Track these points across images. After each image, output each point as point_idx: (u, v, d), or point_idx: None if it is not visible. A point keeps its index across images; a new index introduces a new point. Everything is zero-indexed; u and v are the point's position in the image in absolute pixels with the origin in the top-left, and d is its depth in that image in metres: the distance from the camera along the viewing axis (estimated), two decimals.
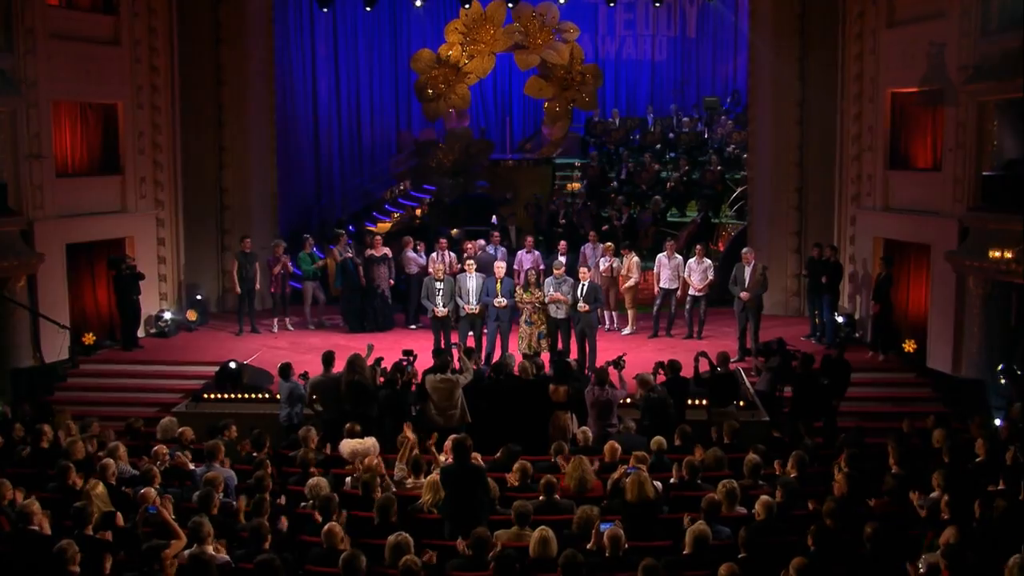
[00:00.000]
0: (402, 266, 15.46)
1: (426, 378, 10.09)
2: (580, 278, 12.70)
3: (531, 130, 23.62)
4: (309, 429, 8.89)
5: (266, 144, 16.91)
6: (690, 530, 6.47)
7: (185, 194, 15.96)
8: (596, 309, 12.83)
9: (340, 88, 21.56)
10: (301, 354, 13.54)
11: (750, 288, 13.37)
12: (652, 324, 14.87)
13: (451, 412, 9.91)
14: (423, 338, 14.11)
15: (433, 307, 12.85)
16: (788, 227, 15.95)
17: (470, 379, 10.06)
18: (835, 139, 15.33)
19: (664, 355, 12.12)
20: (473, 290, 12.76)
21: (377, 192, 21.97)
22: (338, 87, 21.52)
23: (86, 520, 6.63)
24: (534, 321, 12.57)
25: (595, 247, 15.32)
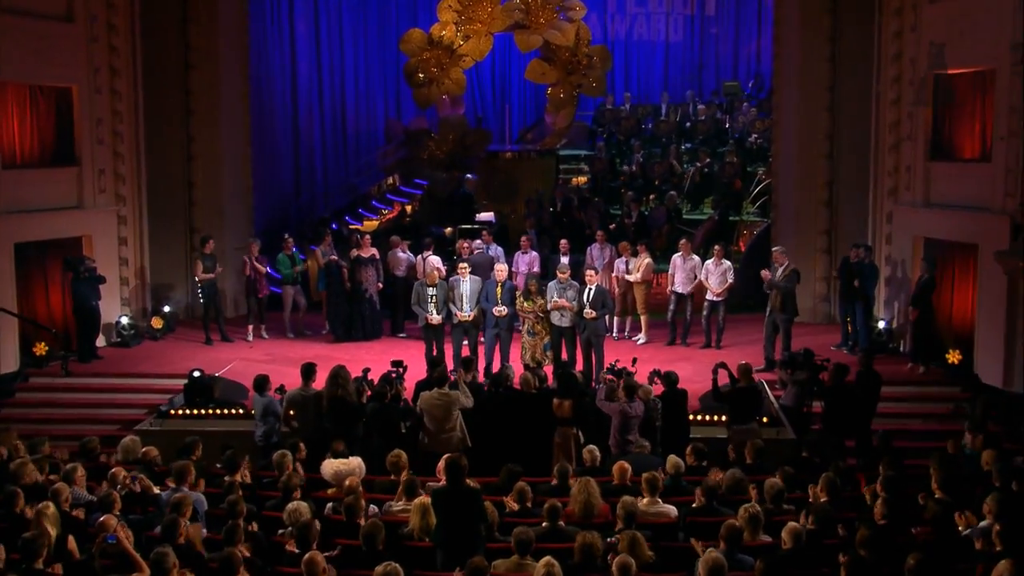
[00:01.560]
0: (388, 268, 15.49)
1: (420, 394, 10.05)
2: (586, 281, 12.68)
3: (533, 119, 23.65)
4: (285, 454, 8.83)
5: (240, 134, 16.89)
6: (703, 560, 6.42)
7: (150, 189, 15.93)
8: (604, 316, 12.79)
9: (322, 72, 21.57)
10: (279, 365, 13.53)
11: (778, 282, 13.28)
12: (668, 331, 14.90)
13: (448, 434, 9.87)
14: (413, 347, 14.15)
15: (425, 314, 12.81)
16: (816, 225, 15.94)
17: (470, 405, 10.01)
18: (870, 127, 15.30)
19: (680, 366, 12.10)
20: (467, 295, 12.75)
21: (363, 187, 21.98)
22: (320, 71, 21.53)
23: (36, 553, 6.56)
24: (537, 332, 12.61)
25: (603, 248, 15.35)
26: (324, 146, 21.84)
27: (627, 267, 14.85)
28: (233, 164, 16.75)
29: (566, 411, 10.14)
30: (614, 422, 9.93)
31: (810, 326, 15.63)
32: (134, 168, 15.68)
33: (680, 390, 10.55)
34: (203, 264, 14.92)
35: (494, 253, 15.14)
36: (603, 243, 15.40)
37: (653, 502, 7.99)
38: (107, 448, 10.07)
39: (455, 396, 9.91)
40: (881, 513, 7.45)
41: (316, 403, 10.22)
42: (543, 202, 18.86)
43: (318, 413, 10.18)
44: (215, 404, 12.05)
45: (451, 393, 9.90)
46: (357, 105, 22.45)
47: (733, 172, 18.92)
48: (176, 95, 15.99)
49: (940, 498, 7.94)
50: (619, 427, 9.90)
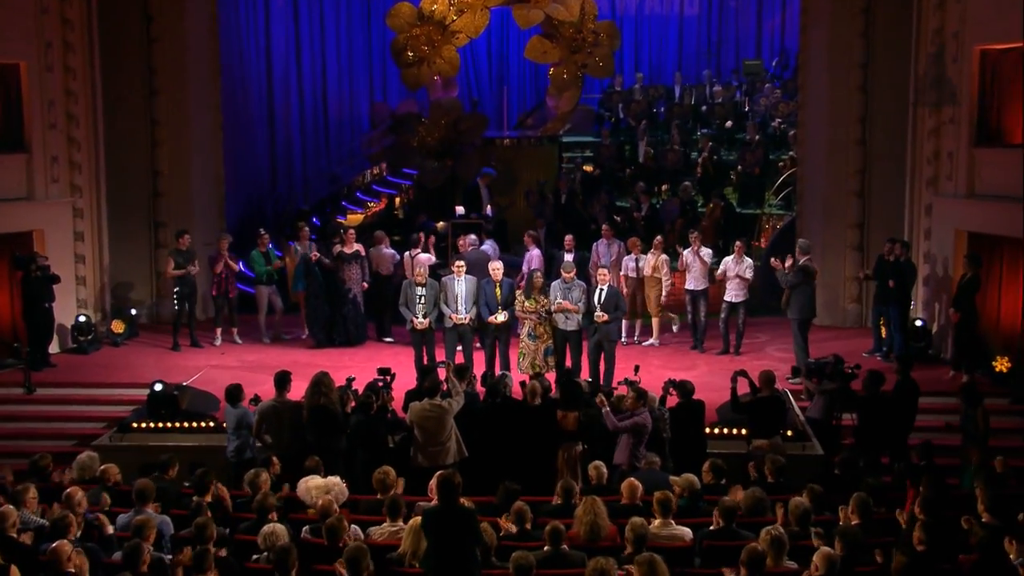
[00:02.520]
0: (373, 266, 15.50)
1: (410, 406, 10.07)
2: (597, 281, 12.69)
3: (533, 102, 23.62)
4: (259, 472, 8.82)
5: (210, 118, 16.87)
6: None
7: (109, 178, 15.90)
8: (617, 319, 12.81)
9: (301, 49, 21.56)
10: (253, 373, 13.55)
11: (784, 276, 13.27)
12: (691, 335, 14.95)
13: (443, 447, 9.85)
14: (401, 354, 14.14)
15: (412, 317, 12.80)
16: (847, 218, 15.92)
17: (462, 404, 10.04)
18: (907, 110, 15.27)
19: (694, 374, 12.08)
20: (462, 296, 12.74)
21: (346, 177, 21.99)
22: (299, 48, 21.52)
23: None
24: (539, 335, 12.56)
25: (610, 244, 15.37)
26: (303, 132, 21.83)
27: (637, 265, 14.84)
28: (203, 151, 16.73)
29: (571, 424, 10.12)
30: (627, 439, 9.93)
31: (840, 330, 15.64)
32: (91, 155, 15.62)
33: (696, 401, 10.56)
34: (175, 261, 14.89)
35: (488, 249, 15.16)
36: (610, 239, 15.45)
37: (666, 524, 7.97)
38: (61, 466, 9.99)
39: (449, 407, 9.90)
40: (920, 538, 7.40)
41: (292, 416, 10.19)
42: (545, 194, 18.84)
43: (294, 427, 10.16)
44: (182, 417, 12.01)
45: (444, 404, 9.90)
46: (340, 87, 22.44)
47: (754, 161, 18.90)
48: (138, 74, 15.96)
49: (987, 522, 7.89)
50: (634, 443, 9.91)
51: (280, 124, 21.25)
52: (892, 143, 15.45)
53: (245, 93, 20.06)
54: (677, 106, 21.32)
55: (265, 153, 21.00)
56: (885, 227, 15.32)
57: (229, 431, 10.57)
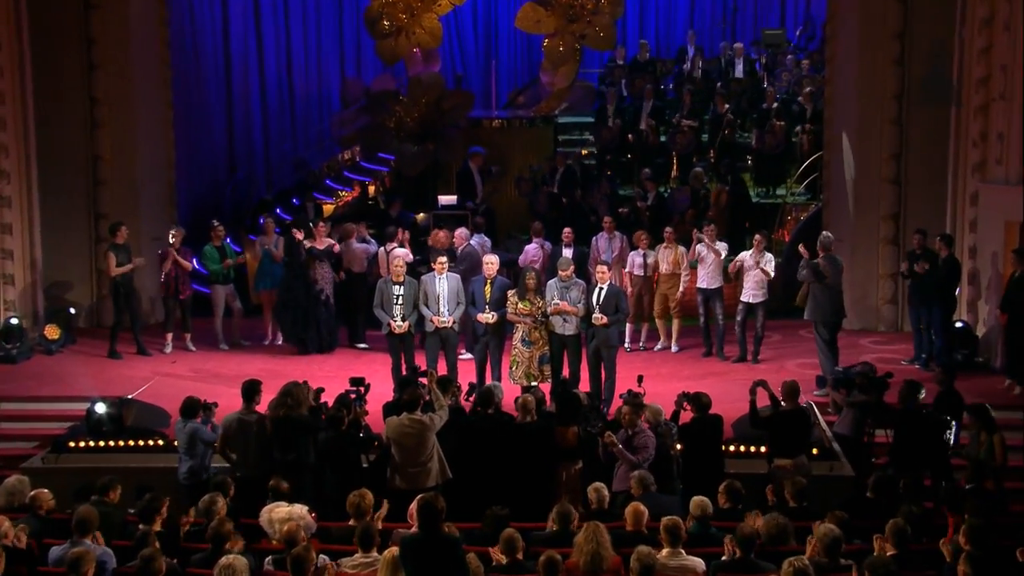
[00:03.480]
0: (343, 263, 15.50)
1: (387, 421, 10.07)
2: (596, 279, 12.67)
3: (525, 78, 23.60)
4: (215, 498, 8.83)
5: (158, 95, 16.83)
6: None
7: (43, 163, 15.82)
8: (618, 323, 12.81)
9: (262, 19, 21.54)
10: (209, 384, 13.50)
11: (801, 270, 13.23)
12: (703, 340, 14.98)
13: (424, 468, 9.85)
14: (377, 361, 14.10)
15: (389, 320, 12.81)
16: (880, 208, 15.91)
17: (445, 419, 10.03)
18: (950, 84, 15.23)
19: (707, 385, 12.08)
20: (443, 296, 12.73)
21: (315, 162, 21.95)
22: (259, 17, 21.50)
23: None
24: (534, 341, 12.54)
25: (611, 238, 15.38)
26: (265, 112, 21.80)
27: (645, 261, 14.84)
28: (150, 133, 16.70)
29: (569, 441, 10.10)
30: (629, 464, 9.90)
31: (874, 334, 15.65)
32: (19, 136, 15.50)
33: (713, 416, 10.54)
34: (117, 257, 14.86)
35: (479, 243, 15.15)
36: (611, 232, 15.45)
37: (675, 553, 7.94)
38: None
39: (431, 422, 9.88)
40: (965, 572, 7.37)
41: (261, 431, 10.20)
42: (539, 181, 18.79)
43: (263, 444, 10.16)
44: (127, 434, 11.94)
45: (426, 419, 9.89)
46: (307, 60, 22.41)
47: (774, 143, 18.89)
48: (74, 44, 15.89)
49: None
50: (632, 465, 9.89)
51: (239, 103, 21.20)
52: (933, 123, 15.42)
53: (199, 67, 20.01)
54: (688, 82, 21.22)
55: (222, 136, 20.96)
56: (923, 218, 15.27)
57: (181, 450, 10.53)
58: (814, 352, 13.80)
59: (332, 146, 22.13)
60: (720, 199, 17.73)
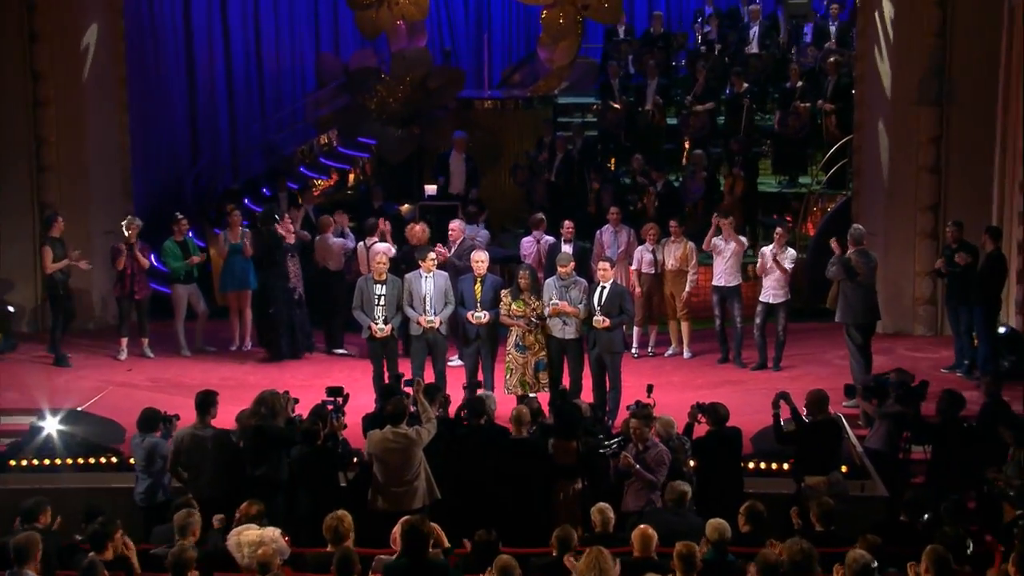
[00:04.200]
0: (317, 259, 15.53)
1: (368, 434, 10.04)
2: (598, 278, 12.63)
3: (522, 54, 23.57)
4: (191, 513, 8.83)
5: (110, 72, 16.76)
6: None
7: None
8: (621, 325, 12.76)
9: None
10: (168, 394, 13.43)
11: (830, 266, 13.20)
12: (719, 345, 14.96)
13: (409, 488, 9.84)
14: (356, 369, 14.18)
15: (370, 323, 12.81)
16: (918, 199, 15.85)
17: (433, 433, 10.03)
18: (999, 59, 15.18)
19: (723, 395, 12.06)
20: (430, 295, 12.70)
21: (287, 148, 21.88)
22: None
23: None
24: (528, 345, 12.52)
25: (617, 231, 15.35)
26: (231, 91, 21.72)
27: (655, 257, 14.83)
28: (101, 114, 16.66)
29: (569, 457, 10.08)
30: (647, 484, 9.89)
31: (910, 338, 15.61)
32: None
33: (731, 430, 10.54)
34: (55, 252, 14.84)
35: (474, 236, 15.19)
36: (617, 224, 15.41)
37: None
38: None
39: (417, 436, 9.86)
40: None
41: (217, 448, 10.16)
42: (536, 168, 18.78)
43: (219, 463, 10.12)
44: (76, 451, 11.86)
45: (412, 432, 9.87)
46: (277, 34, 22.33)
47: (798, 125, 18.85)
48: (12, 11, 15.82)
49: None
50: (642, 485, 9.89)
51: (202, 81, 21.11)
52: (979, 102, 15.38)
53: (157, 41, 19.95)
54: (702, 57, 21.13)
55: (183, 118, 20.87)
56: (966, 210, 15.20)
57: (138, 468, 10.49)
58: (843, 358, 13.80)
59: (307, 130, 22.06)
60: (736, 188, 17.71)
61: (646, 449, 10.00)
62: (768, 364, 14.52)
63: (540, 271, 14.17)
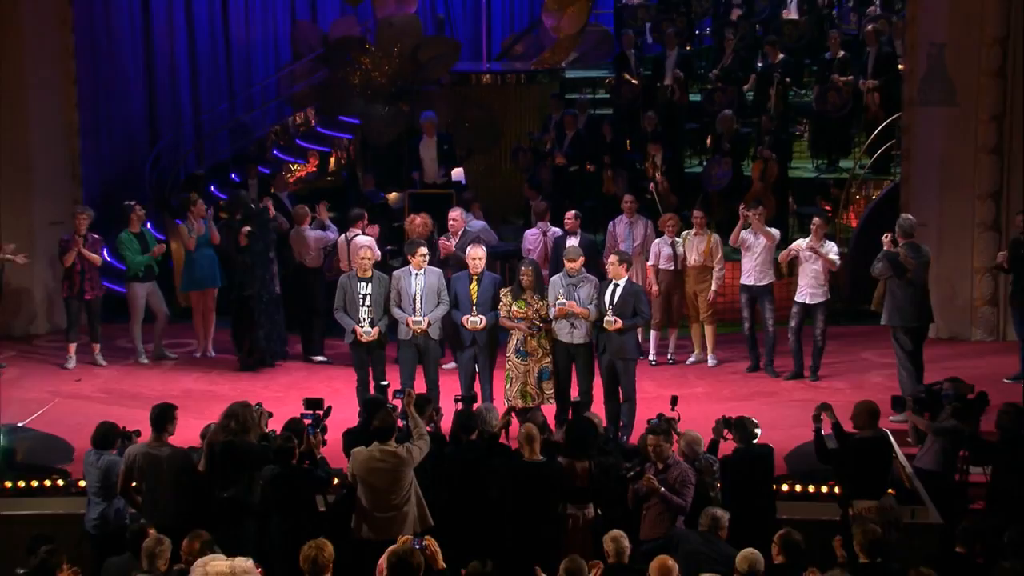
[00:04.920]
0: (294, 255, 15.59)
1: (352, 453, 10.06)
2: (610, 275, 12.61)
3: (524, 21, 23.65)
4: (162, 540, 8.85)
5: (56, 41, 16.76)
6: None
7: None
8: (635, 327, 12.76)
9: None
10: (125, 407, 13.39)
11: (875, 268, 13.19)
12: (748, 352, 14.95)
13: (398, 513, 9.85)
14: (337, 378, 14.27)
15: (354, 325, 12.86)
16: (977, 185, 15.87)
17: (426, 451, 10.03)
18: None
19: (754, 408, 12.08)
20: (420, 295, 12.73)
21: (258, 128, 21.94)
22: None
23: None
24: (531, 351, 12.54)
25: (633, 222, 15.40)
26: (194, 65, 21.68)
27: (674, 251, 14.85)
28: (46, 90, 16.67)
29: (579, 479, 10.07)
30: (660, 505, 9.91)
31: (967, 344, 15.62)
32: None
33: (761, 447, 10.54)
34: None
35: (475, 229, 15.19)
36: (633, 214, 15.44)
37: None
38: None
39: (408, 455, 9.85)
40: None
41: (175, 469, 10.14)
42: (542, 153, 18.77)
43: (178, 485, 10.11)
44: (18, 472, 11.82)
45: (401, 450, 9.85)
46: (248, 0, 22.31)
47: (840, 102, 18.83)
48: None
49: None
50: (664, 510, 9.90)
51: (161, 50, 21.00)
52: None
53: (109, 5, 19.89)
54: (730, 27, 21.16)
55: (140, 94, 20.79)
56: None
57: (91, 490, 10.48)
58: (890, 366, 13.78)
59: (281, 108, 22.13)
60: (767, 174, 17.67)
61: (666, 468, 9.99)
62: (804, 373, 14.51)
63: (545, 268, 14.21)
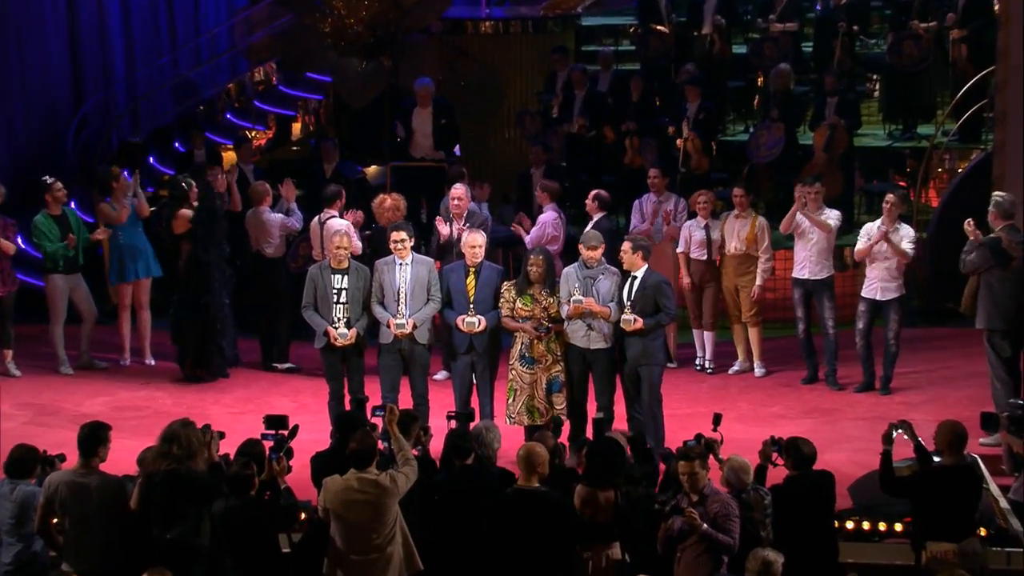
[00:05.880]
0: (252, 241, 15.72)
1: (324, 483, 10.15)
2: (626, 265, 12.64)
3: None
4: None
5: None
6: None
7: None
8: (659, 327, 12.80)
9: None
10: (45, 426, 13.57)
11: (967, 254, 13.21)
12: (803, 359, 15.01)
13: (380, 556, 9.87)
14: (305, 391, 14.47)
15: (327, 326, 12.92)
16: None
17: (414, 480, 10.05)
18: None
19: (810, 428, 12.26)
20: (406, 290, 12.76)
21: (207, 87, 22.00)
22: None
23: None
24: (539, 357, 12.63)
25: (662, 200, 15.51)
26: (126, 11, 21.76)
27: (707, 236, 14.87)
28: None
29: (601, 512, 10.08)
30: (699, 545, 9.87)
31: None
32: None
33: (819, 475, 10.50)
34: None
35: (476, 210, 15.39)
36: (661, 191, 15.54)
37: None
38: None
39: (392, 484, 9.87)
40: None
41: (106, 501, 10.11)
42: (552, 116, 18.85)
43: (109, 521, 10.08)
44: None
45: (384, 479, 9.87)
46: None
47: (919, 54, 18.90)
48: None
49: None
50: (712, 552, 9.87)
51: None
52: None
53: None
54: None
55: (62, 48, 20.89)
56: None
57: (3, 529, 10.48)
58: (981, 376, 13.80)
59: (235, 62, 22.26)
60: (834, 143, 17.75)
61: (702, 500, 9.89)
62: (875, 384, 14.53)
63: (558, 258, 14.27)
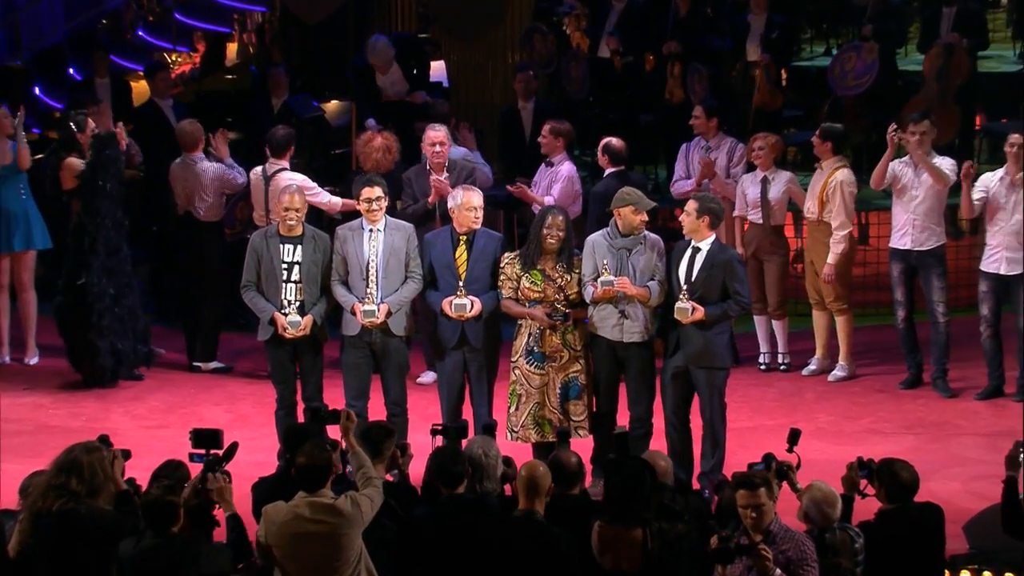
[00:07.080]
0: (177, 201, 15.90)
1: (264, 511, 10.24)
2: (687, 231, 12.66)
3: None
4: None
5: None
6: None
7: None
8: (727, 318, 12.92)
9: None
10: None
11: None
12: (904, 357, 15.16)
13: None
14: (245, 398, 14.91)
15: (273, 312, 13.06)
16: None
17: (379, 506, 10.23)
18: None
19: (910, 448, 12.49)
20: (377, 265, 12.88)
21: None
22: None
23: None
24: (552, 354, 12.75)
25: (717, 145, 15.96)
26: None
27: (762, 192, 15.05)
28: None
29: (628, 555, 10.15)
30: None
31: None
32: None
33: (924, 508, 10.59)
34: None
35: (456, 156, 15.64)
36: (715, 133, 15.78)
37: None
38: None
39: (351, 513, 9.97)
40: None
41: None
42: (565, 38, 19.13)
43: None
44: None
45: (342, 505, 10.00)
46: None
47: None
48: None
49: None
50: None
51: None
52: None
53: None
54: None
55: None
56: None
57: None
58: None
59: None
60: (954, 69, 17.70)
61: (769, 540, 9.93)
62: (1004, 389, 14.58)
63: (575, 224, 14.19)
